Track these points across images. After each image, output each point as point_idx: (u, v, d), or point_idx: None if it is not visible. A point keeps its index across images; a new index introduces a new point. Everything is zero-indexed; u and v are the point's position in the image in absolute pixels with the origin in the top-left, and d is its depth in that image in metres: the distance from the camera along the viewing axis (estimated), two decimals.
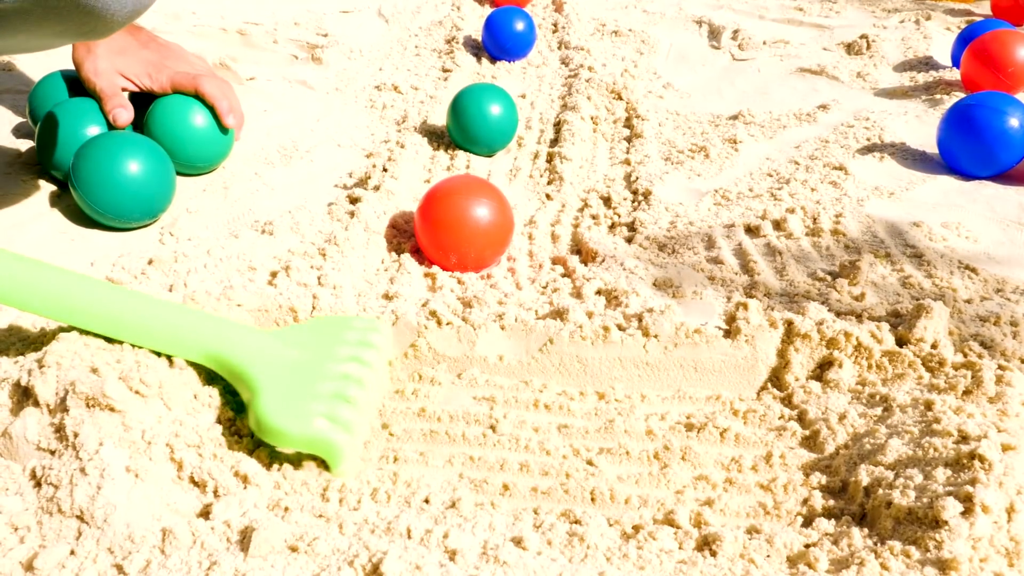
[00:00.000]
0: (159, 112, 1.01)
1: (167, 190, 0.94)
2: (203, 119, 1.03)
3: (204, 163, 1.07)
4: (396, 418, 0.68)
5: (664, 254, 0.95)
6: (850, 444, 0.61)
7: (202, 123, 1.03)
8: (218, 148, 1.07)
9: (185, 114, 1.01)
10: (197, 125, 1.02)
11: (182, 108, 1.01)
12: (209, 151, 1.06)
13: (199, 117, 1.02)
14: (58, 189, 0.99)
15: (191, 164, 1.05)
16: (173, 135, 1.01)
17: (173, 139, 1.01)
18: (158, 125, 1.01)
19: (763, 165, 1.20)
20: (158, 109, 1.02)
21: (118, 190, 0.88)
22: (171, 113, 1.01)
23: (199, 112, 1.02)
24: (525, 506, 0.57)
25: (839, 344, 0.70)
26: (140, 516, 0.53)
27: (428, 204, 0.91)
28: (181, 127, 1.01)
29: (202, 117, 1.02)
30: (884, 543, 0.48)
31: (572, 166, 1.23)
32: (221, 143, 1.06)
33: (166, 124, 1.01)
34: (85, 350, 0.60)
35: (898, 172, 1.14)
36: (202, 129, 1.03)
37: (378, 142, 1.26)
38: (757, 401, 0.70)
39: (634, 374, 0.73)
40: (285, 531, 0.51)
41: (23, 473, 0.55)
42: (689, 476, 0.59)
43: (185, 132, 1.01)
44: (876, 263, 0.88)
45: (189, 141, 1.02)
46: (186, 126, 1.01)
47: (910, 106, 1.37)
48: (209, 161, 1.07)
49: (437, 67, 1.63)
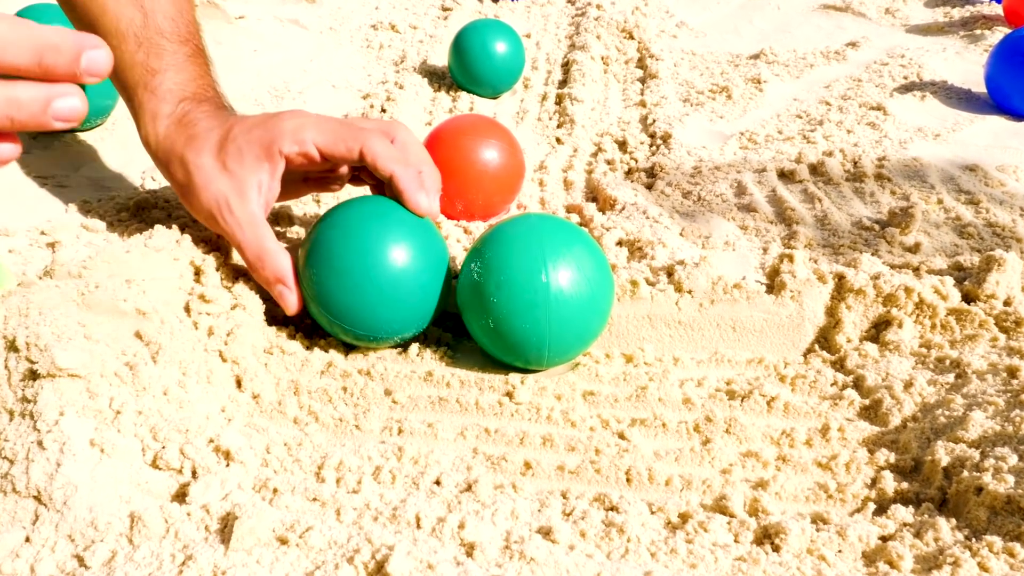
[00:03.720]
0: None
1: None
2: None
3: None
4: (400, 383, 0.60)
5: (689, 201, 0.87)
6: (919, 416, 0.53)
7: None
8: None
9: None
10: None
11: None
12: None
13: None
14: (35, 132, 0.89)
15: None
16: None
17: None
18: None
19: (791, 106, 1.11)
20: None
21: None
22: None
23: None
24: (551, 488, 0.49)
25: (898, 301, 0.62)
26: (105, 498, 0.46)
27: (431, 146, 0.83)
28: None
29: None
30: (979, 538, 0.41)
31: (583, 108, 1.14)
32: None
33: None
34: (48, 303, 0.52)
35: (942, 112, 1.05)
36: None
37: (375, 83, 1.18)
38: (805, 365, 0.62)
39: (665, 334, 0.65)
40: (273, 519, 0.43)
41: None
42: (736, 452, 0.52)
43: None
44: (928, 210, 0.79)
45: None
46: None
47: (948, 42, 1.28)
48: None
49: (436, 5, 1.53)
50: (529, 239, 0.57)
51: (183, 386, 0.54)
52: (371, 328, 0.60)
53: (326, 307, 0.60)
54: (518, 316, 0.56)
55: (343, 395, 0.59)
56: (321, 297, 0.60)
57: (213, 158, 0.62)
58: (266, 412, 0.57)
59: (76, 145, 0.87)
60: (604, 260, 0.60)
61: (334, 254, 0.59)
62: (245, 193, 0.61)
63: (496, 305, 0.57)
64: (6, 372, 0.51)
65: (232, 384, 0.59)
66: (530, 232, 0.58)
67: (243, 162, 0.61)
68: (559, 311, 0.56)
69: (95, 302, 0.56)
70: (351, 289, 0.58)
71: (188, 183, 0.63)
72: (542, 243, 0.57)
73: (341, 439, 0.55)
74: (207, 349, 0.59)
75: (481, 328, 0.59)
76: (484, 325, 0.59)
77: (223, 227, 0.62)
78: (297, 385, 0.60)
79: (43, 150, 0.85)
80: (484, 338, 0.60)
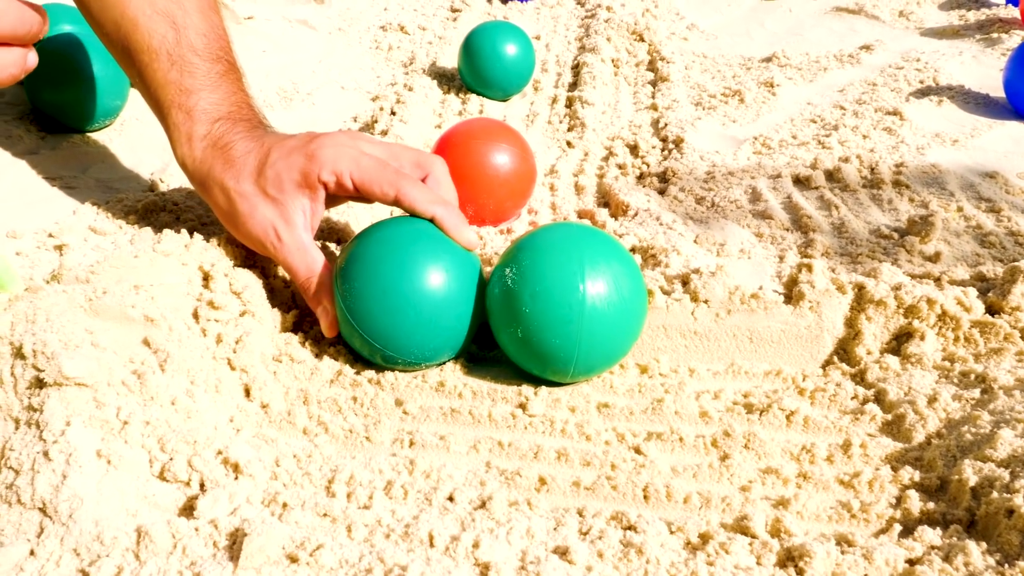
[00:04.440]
0: None
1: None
2: None
3: None
4: (411, 393, 0.59)
5: (703, 207, 0.86)
6: (944, 432, 0.52)
7: None
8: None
9: None
10: None
11: None
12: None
13: None
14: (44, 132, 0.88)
15: None
16: None
17: None
18: None
19: (805, 110, 1.10)
20: None
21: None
22: None
23: None
24: (567, 505, 0.48)
25: (920, 313, 0.61)
26: (112, 512, 0.45)
27: (443, 150, 0.82)
28: None
29: None
30: (1012, 563, 0.40)
31: (594, 111, 1.13)
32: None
33: None
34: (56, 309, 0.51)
35: (960, 117, 1.04)
36: None
37: (384, 84, 1.17)
38: (824, 378, 0.61)
39: (680, 344, 0.64)
40: (283, 535, 0.42)
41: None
42: (755, 468, 0.51)
43: None
44: (948, 218, 0.78)
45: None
46: None
47: (964, 46, 1.26)
48: None
49: (445, 6, 1.52)
50: (568, 250, 0.56)
51: (191, 395, 0.53)
52: (405, 351, 0.59)
53: (361, 325, 0.58)
54: (549, 329, 0.55)
55: (353, 405, 0.58)
56: (356, 316, 0.58)
57: (253, 184, 0.61)
58: (275, 422, 0.56)
59: (84, 146, 0.86)
60: (639, 277, 0.58)
61: (374, 274, 0.58)
62: (291, 220, 0.61)
63: (528, 316, 0.55)
64: (12, 379, 0.50)
65: (241, 393, 0.58)
66: (569, 242, 0.57)
67: (284, 189, 0.61)
68: (591, 326, 0.55)
69: (103, 308, 0.55)
70: (390, 311, 0.57)
71: (232, 211, 0.62)
72: (581, 255, 0.55)
73: (351, 451, 0.53)
74: (215, 357, 0.58)
75: (509, 336, 0.58)
76: (512, 334, 0.57)
77: (274, 254, 0.62)
78: (306, 394, 0.59)
79: (51, 151, 0.84)
80: (511, 346, 0.59)
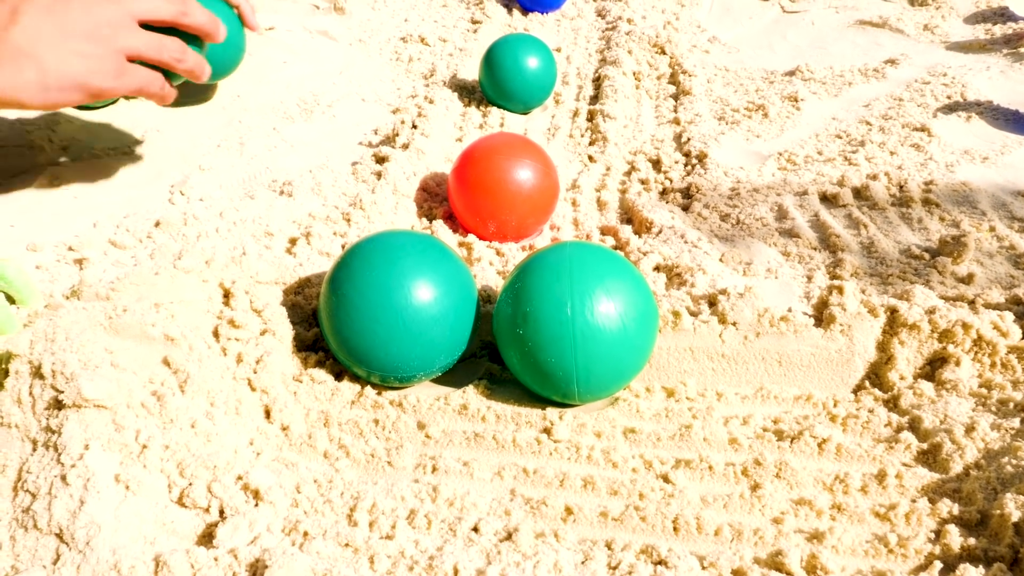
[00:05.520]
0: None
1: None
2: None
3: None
4: (433, 416, 0.58)
5: (728, 224, 0.84)
6: (983, 464, 0.50)
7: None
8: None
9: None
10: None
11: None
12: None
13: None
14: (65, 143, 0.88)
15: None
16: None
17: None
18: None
19: (830, 125, 1.08)
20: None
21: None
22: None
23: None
24: (595, 537, 0.46)
25: (955, 337, 0.60)
26: (129, 539, 0.44)
27: (465, 165, 0.81)
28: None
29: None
30: None
31: (616, 125, 1.12)
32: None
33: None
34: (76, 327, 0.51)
35: (989, 134, 1.02)
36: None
37: (405, 97, 1.16)
38: (856, 403, 0.59)
39: (707, 367, 0.63)
40: (303, 567, 0.41)
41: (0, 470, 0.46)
42: (787, 499, 0.49)
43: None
44: (980, 238, 0.76)
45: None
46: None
47: (991, 60, 1.24)
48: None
49: (466, 18, 1.51)
50: (559, 271, 0.56)
51: (211, 417, 0.52)
52: (391, 369, 0.58)
53: (347, 349, 0.58)
54: (544, 349, 0.55)
55: (374, 428, 0.57)
56: (342, 338, 0.58)
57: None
58: (295, 445, 0.55)
59: (105, 158, 0.86)
60: (645, 293, 0.57)
61: (348, 298, 0.57)
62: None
63: (522, 337, 0.55)
64: (31, 399, 0.49)
65: (261, 415, 0.57)
66: (560, 264, 0.56)
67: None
68: (586, 346, 0.54)
69: (122, 326, 0.54)
70: (370, 331, 0.56)
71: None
72: (572, 276, 0.55)
73: (373, 476, 0.52)
74: (235, 377, 0.57)
75: (512, 359, 0.58)
76: (513, 356, 0.58)
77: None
78: (327, 416, 0.58)
79: (72, 162, 0.84)
80: (517, 368, 0.58)
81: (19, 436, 0.47)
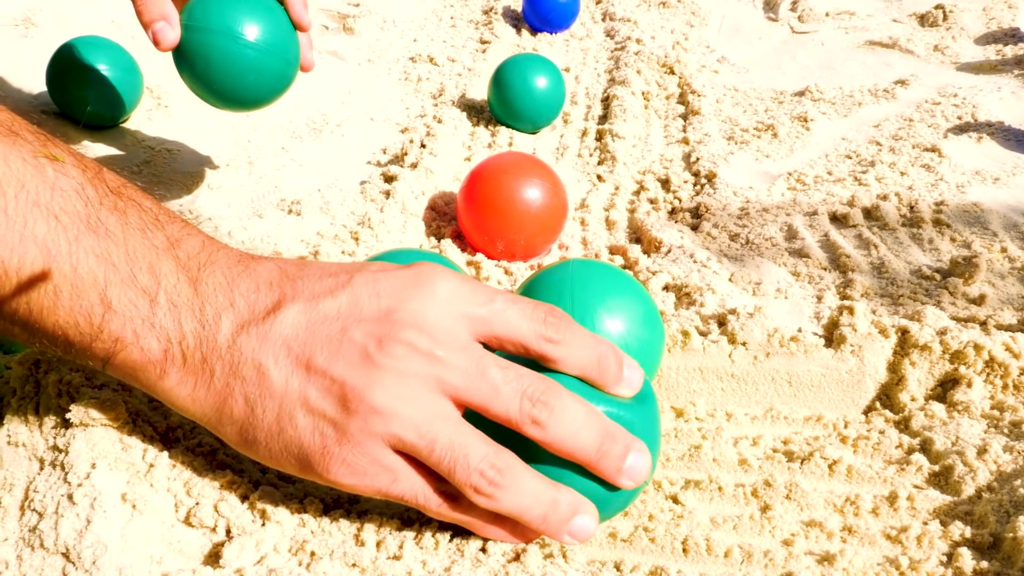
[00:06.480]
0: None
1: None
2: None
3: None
4: None
5: (737, 244, 0.84)
6: (995, 486, 0.49)
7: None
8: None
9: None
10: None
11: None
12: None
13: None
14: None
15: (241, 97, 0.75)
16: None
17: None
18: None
19: (839, 146, 1.08)
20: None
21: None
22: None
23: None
24: (603, 558, 0.46)
25: (967, 359, 0.59)
26: (136, 559, 0.44)
27: (473, 184, 0.81)
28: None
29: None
30: None
31: (625, 144, 1.12)
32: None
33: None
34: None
35: (1000, 155, 1.01)
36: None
37: (413, 116, 1.16)
38: (866, 425, 0.59)
39: (717, 387, 0.62)
40: None
41: (7, 489, 0.45)
42: (797, 521, 0.49)
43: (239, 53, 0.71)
44: (992, 259, 0.76)
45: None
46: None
47: (1002, 82, 1.24)
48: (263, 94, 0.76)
49: (475, 38, 1.52)
50: (560, 290, 0.55)
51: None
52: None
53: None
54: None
55: None
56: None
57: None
58: None
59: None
60: (650, 312, 0.56)
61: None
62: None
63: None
64: (37, 418, 0.49)
65: None
66: (562, 283, 0.55)
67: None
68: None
69: None
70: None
71: None
72: (573, 295, 0.54)
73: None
74: None
75: None
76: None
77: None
78: None
79: None
80: None
81: (26, 455, 0.47)
